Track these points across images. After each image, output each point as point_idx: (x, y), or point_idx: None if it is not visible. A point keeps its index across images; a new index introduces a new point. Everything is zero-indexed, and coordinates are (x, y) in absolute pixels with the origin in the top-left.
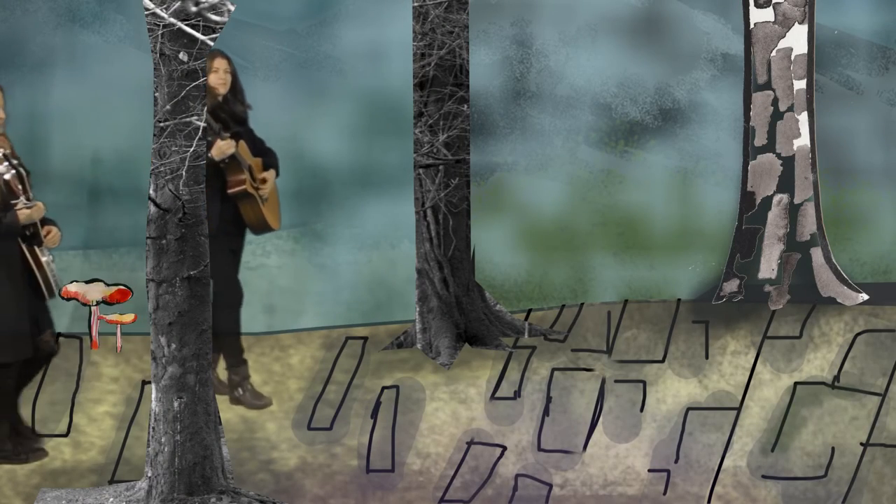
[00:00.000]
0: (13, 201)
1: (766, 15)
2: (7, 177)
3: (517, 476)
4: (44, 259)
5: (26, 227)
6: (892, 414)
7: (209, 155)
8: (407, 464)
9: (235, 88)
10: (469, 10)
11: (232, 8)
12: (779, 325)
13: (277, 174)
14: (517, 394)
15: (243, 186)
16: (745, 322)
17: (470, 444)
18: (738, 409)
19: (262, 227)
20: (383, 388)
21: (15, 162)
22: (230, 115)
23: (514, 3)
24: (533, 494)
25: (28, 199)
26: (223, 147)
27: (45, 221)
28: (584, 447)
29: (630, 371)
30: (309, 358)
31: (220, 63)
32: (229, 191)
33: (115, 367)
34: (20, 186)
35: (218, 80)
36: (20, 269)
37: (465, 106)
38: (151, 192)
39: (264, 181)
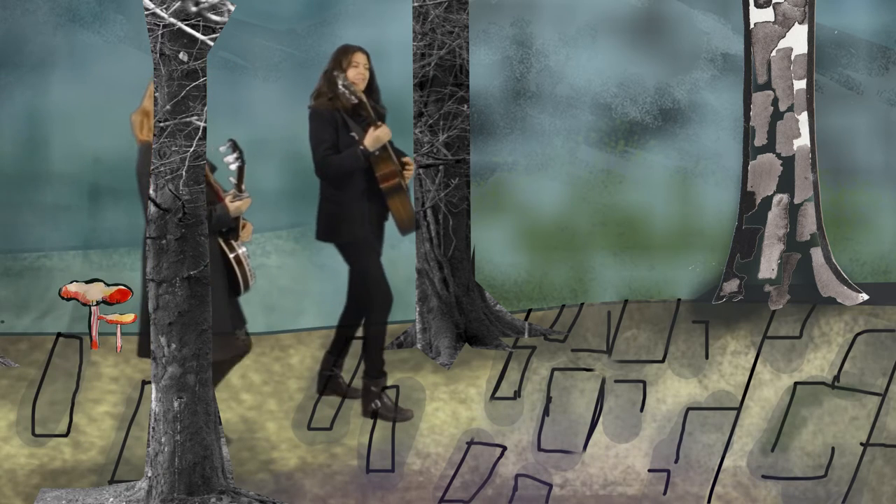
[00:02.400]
0: (225, 193)
1: (766, 15)
2: (233, 167)
3: (517, 476)
4: (240, 251)
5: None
6: (892, 414)
7: (361, 148)
8: (407, 464)
9: (372, 87)
10: (469, 10)
11: (232, 8)
12: (779, 325)
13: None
14: (517, 394)
15: (397, 179)
16: (745, 322)
17: (470, 444)
18: (738, 409)
19: (412, 225)
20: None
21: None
22: (364, 106)
23: (514, 3)
24: (533, 494)
25: (240, 191)
26: (380, 135)
27: None
28: (584, 447)
29: (630, 371)
30: (309, 358)
31: (360, 58)
32: (383, 185)
33: (115, 367)
34: (237, 179)
35: (358, 74)
36: (221, 264)
37: (465, 106)
38: (151, 192)
39: (406, 165)
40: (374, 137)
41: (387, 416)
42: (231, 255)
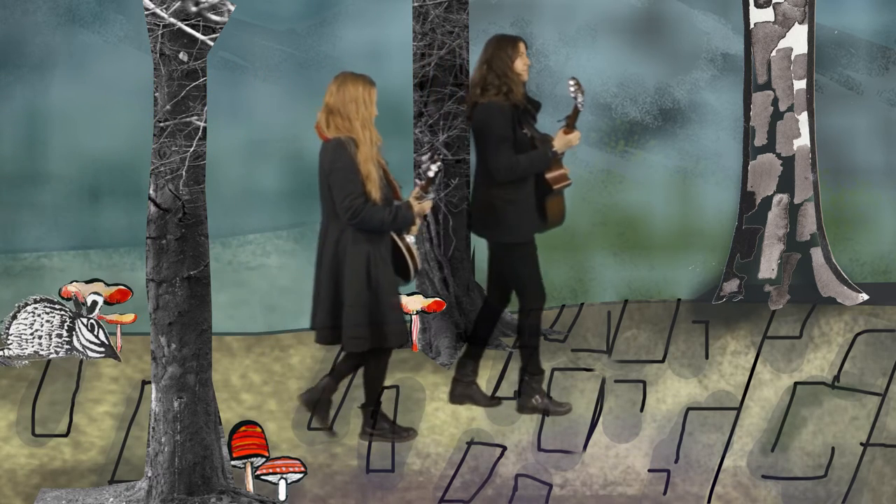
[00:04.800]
0: (420, 192)
1: (766, 15)
2: (430, 174)
3: (517, 476)
4: (409, 240)
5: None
6: (892, 414)
7: (553, 150)
8: (407, 464)
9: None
10: (469, 10)
11: (232, 8)
12: (779, 325)
13: None
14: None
15: (568, 182)
16: (745, 322)
17: (470, 444)
18: (738, 409)
19: (562, 221)
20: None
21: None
22: (532, 102)
23: (514, 3)
24: (533, 494)
25: (425, 192)
26: (572, 139)
27: None
28: (584, 447)
29: (630, 371)
30: (309, 358)
31: (523, 48)
32: (556, 186)
33: (115, 367)
34: (427, 181)
35: (524, 65)
36: (393, 256)
37: (465, 106)
38: (151, 192)
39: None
40: (566, 141)
41: (558, 411)
42: (402, 245)
